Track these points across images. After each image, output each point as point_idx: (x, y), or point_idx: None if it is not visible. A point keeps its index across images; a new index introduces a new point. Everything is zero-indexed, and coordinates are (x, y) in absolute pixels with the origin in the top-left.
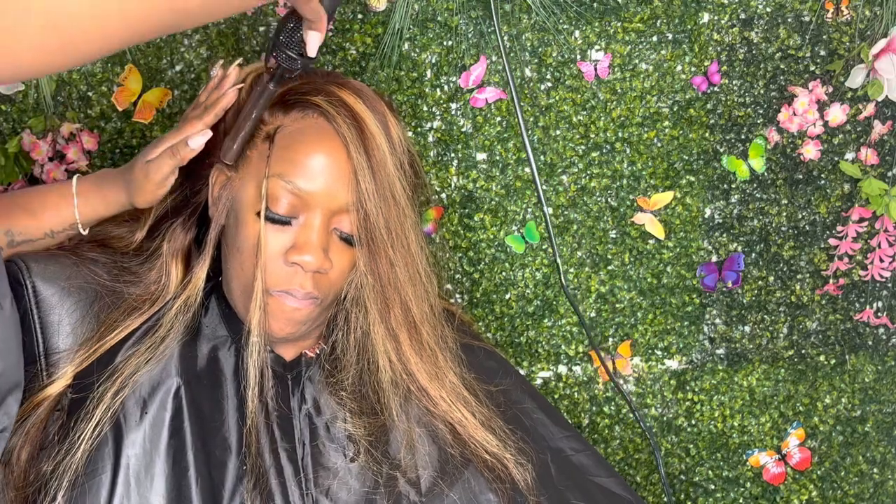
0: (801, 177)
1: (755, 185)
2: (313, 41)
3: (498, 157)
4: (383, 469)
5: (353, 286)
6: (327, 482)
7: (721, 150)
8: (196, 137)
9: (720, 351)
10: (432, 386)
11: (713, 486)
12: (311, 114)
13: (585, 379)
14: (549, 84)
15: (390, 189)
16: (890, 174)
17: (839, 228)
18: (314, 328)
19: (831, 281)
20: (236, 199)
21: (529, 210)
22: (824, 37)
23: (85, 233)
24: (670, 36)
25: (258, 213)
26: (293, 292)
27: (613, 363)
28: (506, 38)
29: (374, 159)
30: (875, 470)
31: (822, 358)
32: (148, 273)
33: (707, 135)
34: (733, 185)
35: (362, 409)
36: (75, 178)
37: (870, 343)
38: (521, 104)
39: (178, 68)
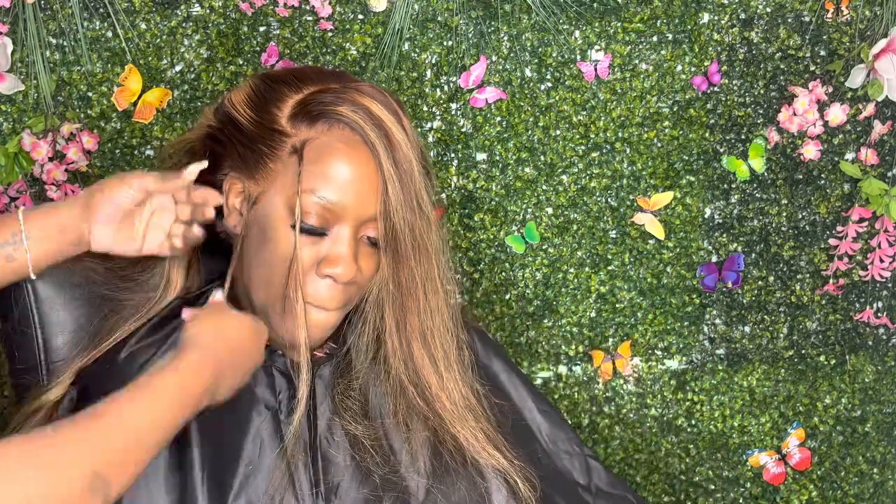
0: (801, 177)
1: (755, 185)
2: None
3: (498, 157)
4: (387, 473)
5: (376, 287)
6: (336, 480)
7: (721, 150)
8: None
9: (720, 351)
10: (440, 396)
11: (713, 486)
12: (337, 125)
13: (585, 379)
14: (549, 84)
15: (417, 198)
16: (890, 174)
17: (839, 228)
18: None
19: (831, 281)
20: (262, 212)
21: (529, 210)
22: (824, 37)
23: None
24: (670, 36)
25: (292, 226)
26: (326, 307)
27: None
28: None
29: (402, 168)
30: (875, 470)
31: (822, 358)
32: (148, 280)
33: (707, 135)
34: (733, 185)
35: (368, 413)
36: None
37: (870, 343)
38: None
39: (178, 68)
